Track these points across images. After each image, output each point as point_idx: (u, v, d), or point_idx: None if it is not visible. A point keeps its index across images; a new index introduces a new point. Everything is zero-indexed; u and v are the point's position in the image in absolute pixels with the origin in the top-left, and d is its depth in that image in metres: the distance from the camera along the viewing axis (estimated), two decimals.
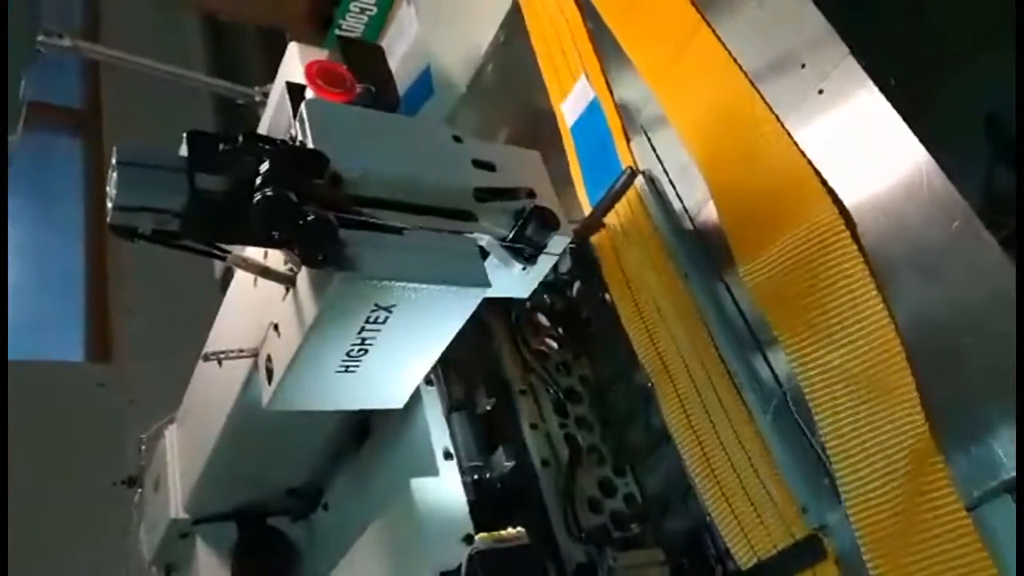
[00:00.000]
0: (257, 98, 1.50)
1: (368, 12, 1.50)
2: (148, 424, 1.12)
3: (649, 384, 0.83)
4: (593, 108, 0.96)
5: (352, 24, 1.52)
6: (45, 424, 1.85)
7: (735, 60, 0.78)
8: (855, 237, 0.67)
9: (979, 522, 0.59)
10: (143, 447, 1.11)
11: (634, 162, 0.91)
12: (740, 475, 0.73)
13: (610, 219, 0.91)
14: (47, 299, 2.35)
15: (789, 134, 0.73)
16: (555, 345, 0.96)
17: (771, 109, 0.75)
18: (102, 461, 1.59)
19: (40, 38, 1.13)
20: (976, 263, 0.60)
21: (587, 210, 0.95)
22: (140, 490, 1.13)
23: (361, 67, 0.94)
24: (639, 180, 0.89)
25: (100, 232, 2.38)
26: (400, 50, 1.40)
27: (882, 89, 0.67)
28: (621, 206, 0.90)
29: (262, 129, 1.10)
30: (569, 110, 1.00)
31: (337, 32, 1.51)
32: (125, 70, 1.55)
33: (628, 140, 0.92)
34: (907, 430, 0.63)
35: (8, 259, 2.00)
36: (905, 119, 0.66)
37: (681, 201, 0.86)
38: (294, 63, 1.03)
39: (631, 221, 0.88)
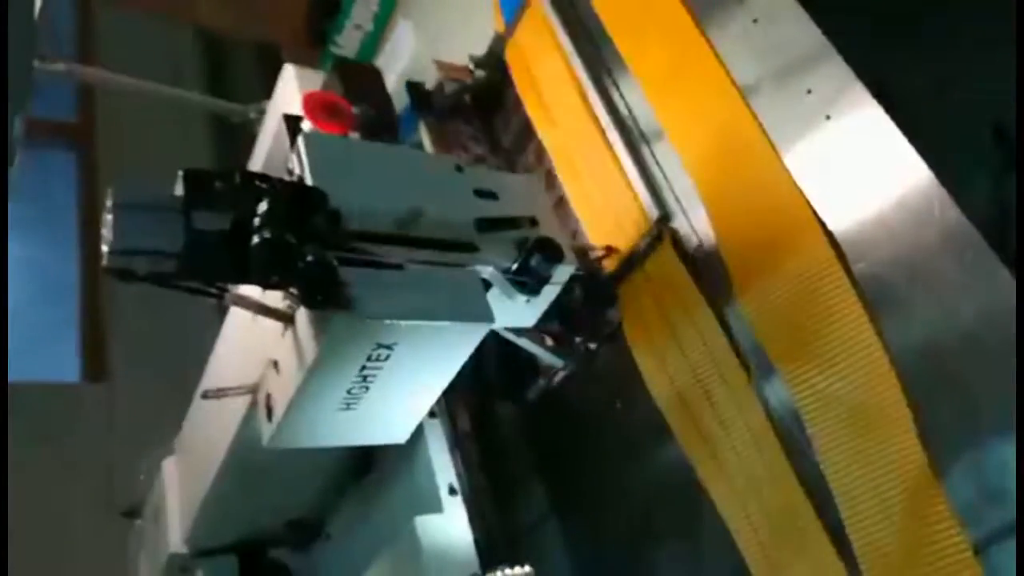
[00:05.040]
0: (252, 115, 1.49)
1: (364, 29, 1.49)
2: (146, 445, 1.11)
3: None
4: None
5: (347, 40, 1.50)
6: (41, 445, 1.83)
7: (734, 83, 0.78)
8: (847, 269, 0.67)
9: (991, 560, 0.58)
10: (142, 477, 1.10)
11: None
12: (606, 194, 0.89)
13: (519, 33, 1.04)
14: (42, 318, 2.33)
15: (783, 164, 0.72)
16: None
17: (767, 135, 0.74)
18: (99, 483, 1.58)
19: (35, 63, 1.12)
20: (989, 295, 0.59)
21: (502, 30, 1.07)
22: (139, 521, 1.12)
23: (358, 89, 0.93)
24: None
25: (95, 249, 2.35)
26: (396, 68, 1.39)
27: (885, 98, 0.66)
28: (526, 18, 1.02)
29: (257, 154, 1.09)
30: None
31: (332, 49, 1.49)
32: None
33: None
34: (906, 463, 0.62)
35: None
36: (911, 131, 0.65)
37: (688, 220, 0.84)
38: (290, 86, 1.02)
39: (534, 29, 1.01)
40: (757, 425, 0.72)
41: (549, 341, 0.91)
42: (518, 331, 0.87)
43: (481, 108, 1.12)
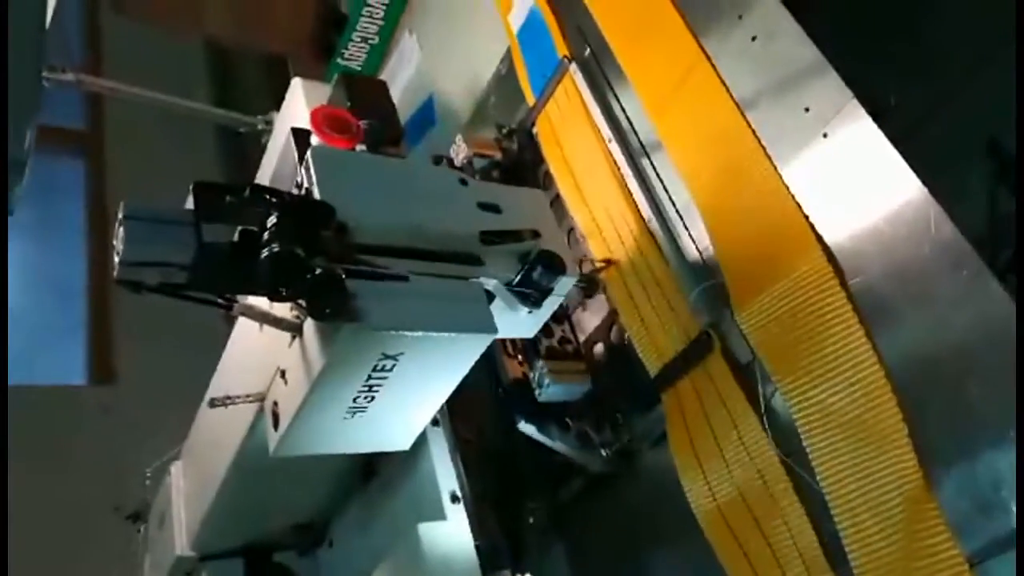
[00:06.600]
0: (260, 127, 1.51)
1: (370, 41, 1.50)
2: (153, 448, 1.12)
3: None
4: (534, 14, 1.07)
5: (354, 53, 1.52)
6: (48, 448, 1.84)
7: (733, 99, 0.79)
8: (844, 284, 0.68)
9: (990, 573, 0.58)
10: (147, 482, 1.11)
11: (569, 51, 0.99)
12: (648, 292, 0.84)
13: (550, 107, 1.01)
14: (50, 321, 2.35)
15: (782, 179, 0.73)
16: None
17: (765, 151, 0.75)
18: (106, 486, 1.59)
19: (44, 73, 1.13)
20: (984, 310, 0.60)
21: (531, 103, 1.05)
22: (145, 525, 1.13)
23: (364, 103, 0.94)
24: (572, 66, 0.97)
25: (102, 253, 2.38)
26: (402, 79, 1.41)
27: (881, 115, 0.67)
28: (559, 92, 0.99)
29: (265, 166, 1.10)
30: (514, 20, 1.12)
31: (340, 61, 1.51)
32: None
33: (564, 35, 1.01)
34: (901, 476, 0.63)
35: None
36: (906, 147, 0.66)
37: (688, 231, 0.85)
38: (297, 99, 1.03)
39: (567, 103, 0.98)
40: (810, 550, 0.69)
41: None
42: (551, 434, 0.86)
43: (510, 183, 1.04)
